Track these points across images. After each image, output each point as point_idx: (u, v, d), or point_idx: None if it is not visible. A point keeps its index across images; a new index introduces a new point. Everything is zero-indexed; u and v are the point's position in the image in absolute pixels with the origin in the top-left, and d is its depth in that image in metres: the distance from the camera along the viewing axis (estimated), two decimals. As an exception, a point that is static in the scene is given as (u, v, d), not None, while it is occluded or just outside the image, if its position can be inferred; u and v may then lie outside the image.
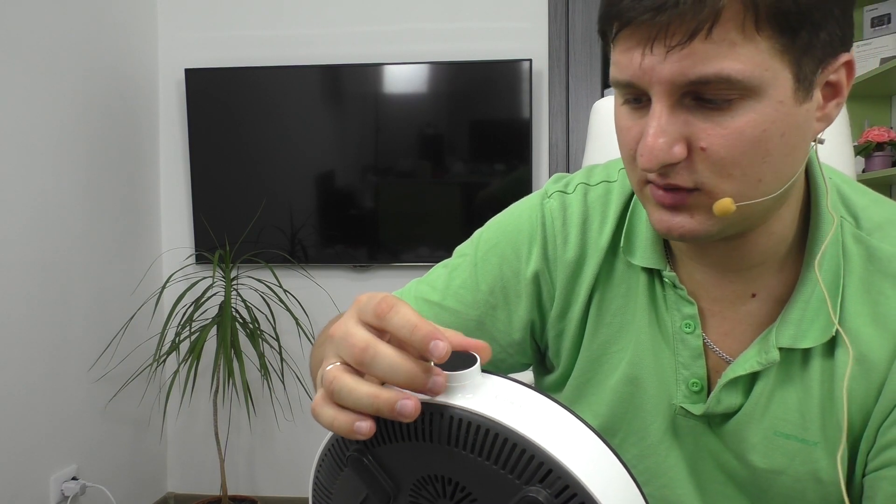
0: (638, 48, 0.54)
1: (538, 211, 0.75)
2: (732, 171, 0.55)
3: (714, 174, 0.56)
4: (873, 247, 0.63)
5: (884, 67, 2.13)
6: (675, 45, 0.52)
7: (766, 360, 0.64)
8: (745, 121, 0.54)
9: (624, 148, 0.61)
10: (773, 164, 0.56)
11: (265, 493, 2.73)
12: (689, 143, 0.55)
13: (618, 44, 0.56)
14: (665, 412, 0.70)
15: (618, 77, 0.57)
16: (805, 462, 0.64)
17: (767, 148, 0.55)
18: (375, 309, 0.42)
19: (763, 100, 0.54)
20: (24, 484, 2.03)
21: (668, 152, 0.55)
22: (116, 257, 2.47)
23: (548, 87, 2.60)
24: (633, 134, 0.59)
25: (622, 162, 0.76)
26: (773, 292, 0.66)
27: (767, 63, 0.53)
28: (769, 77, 0.53)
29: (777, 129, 0.55)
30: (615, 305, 0.72)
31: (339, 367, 0.43)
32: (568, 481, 0.38)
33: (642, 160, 0.56)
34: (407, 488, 0.43)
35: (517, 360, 0.79)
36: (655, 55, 0.53)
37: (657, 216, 0.60)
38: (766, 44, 0.52)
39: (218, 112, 2.62)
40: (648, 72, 0.54)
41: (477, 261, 0.77)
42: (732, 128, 0.54)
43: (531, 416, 0.40)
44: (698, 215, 0.58)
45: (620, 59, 0.56)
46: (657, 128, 0.55)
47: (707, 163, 0.55)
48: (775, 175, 0.57)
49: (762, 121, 0.54)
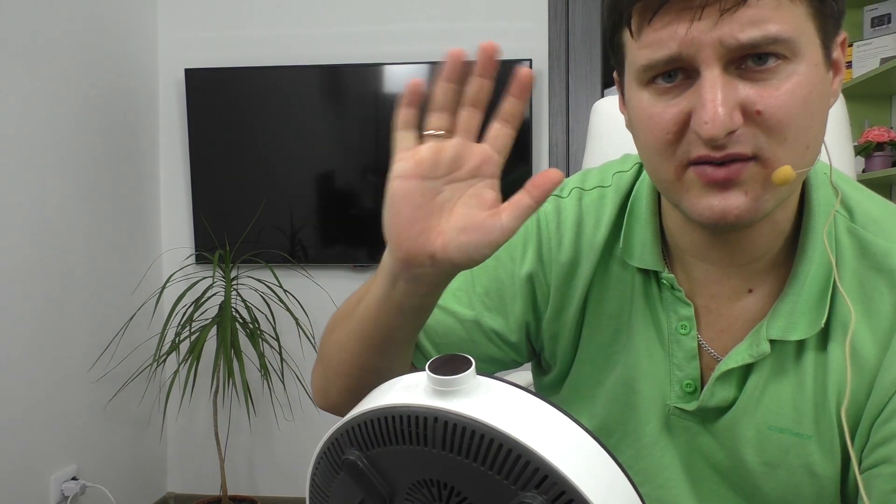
0: (682, 20, 0.54)
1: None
2: (787, 135, 0.55)
3: (770, 139, 0.55)
4: (867, 241, 0.63)
5: (884, 67, 2.12)
6: (728, 9, 0.52)
7: (757, 353, 0.64)
8: (793, 83, 0.54)
9: (657, 134, 0.58)
10: (816, 130, 0.57)
11: (265, 493, 2.73)
12: (744, 108, 0.55)
13: (654, 22, 0.55)
14: (659, 413, 0.70)
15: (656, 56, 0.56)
16: (799, 455, 0.64)
17: (813, 111, 0.56)
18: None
19: (803, 62, 0.55)
20: (24, 484, 2.03)
21: (731, 118, 0.54)
22: (116, 257, 2.47)
23: (548, 87, 2.60)
24: (669, 116, 0.57)
25: (622, 161, 0.77)
26: (769, 288, 0.67)
27: (804, 26, 0.54)
28: (805, 40, 0.55)
29: (818, 93, 0.56)
30: (611, 308, 0.73)
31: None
32: (564, 487, 0.38)
33: (707, 128, 0.53)
34: (402, 492, 0.43)
35: (511, 360, 0.79)
36: (704, 21, 0.53)
37: (705, 202, 0.57)
38: (802, 7, 0.54)
39: (218, 112, 2.61)
40: (698, 38, 0.53)
41: None
42: (784, 90, 0.54)
43: (526, 420, 0.40)
44: (753, 190, 0.56)
45: (658, 36, 0.55)
46: (716, 94, 0.53)
47: (763, 127, 0.55)
48: (816, 143, 0.58)
49: (806, 82, 0.55)
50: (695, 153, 0.56)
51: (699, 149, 0.56)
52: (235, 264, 2.51)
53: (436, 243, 0.56)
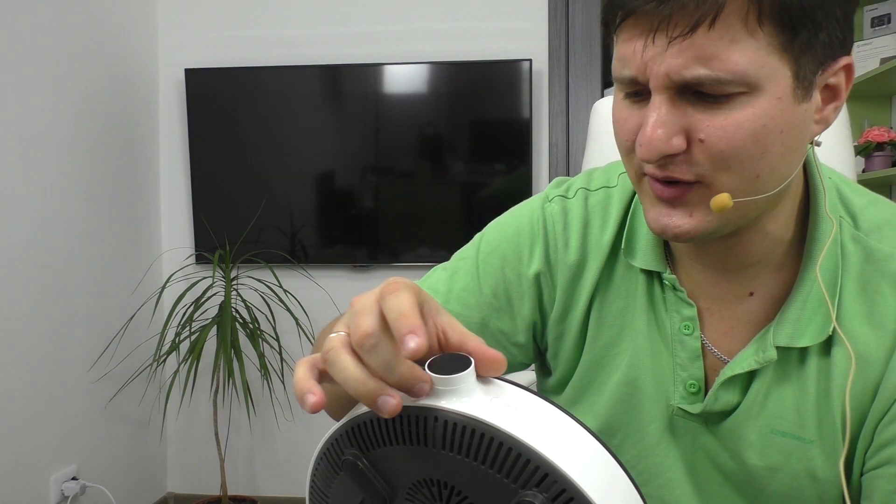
0: (640, 39, 0.54)
1: (539, 214, 0.76)
2: (731, 164, 0.55)
3: (713, 167, 0.56)
4: (871, 247, 0.63)
5: (884, 67, 2.12)
6: (676, 36, 0.52)
7: (763, 359, 0.64)
8: (744, 115, 0.54)
9: (620, 139, 0.61)
10: (770, 162, 0.56)
11: (265, 493, 2.73)
12: (689, 135, 0.55)
13: (620, 34, 0.56)
14: (663, 413, 0.70)
15: (621, 73, 0.57)
16: (801, 460, 0.64)
17: (766, 144, 0.55)
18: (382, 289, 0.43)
19: (762, 95, 0.54)
20: (24, 484, 2.03)
21: (666, 143, 0.55)
22: (116, 257, 2.47)
23: (548, 87, 2.60)
24: (631, 125, 0.59)
25: (621, 160, 0.77)
26: (771, 291, 0.67)
27: (765, 60, 0.53)
28: (766, 74, 0.53)
29: (776, 126, 0.55)
30: (615, 308, 0.73)
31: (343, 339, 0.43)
32: (564, 485, 0.38)
33: (641, 151, 0.56)
34: (402, 492, 0.43)
35: (518, 361, 0.79)
36: (657, 46, 0.53)
37: (653, 214, 0.60)
38: (766, 40, 0.52)
39: (218, 112, 2.61)
40: (649, 63, 0.54)
41: (479, 264, 0.77)
42: (731, 120, 0.54)
43: (527, 419, 0.40)
44: (697, 212, 0.58)
45: (623, 49, 0.56)
46: (656, 119, 0.55)
47: (706, 155, 0.55)
48: (772, 173, 0.57)
49: (761, 115, 0.54)
50: (645, 167, 0.59)
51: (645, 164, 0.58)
52: (235, 264, 2.51)
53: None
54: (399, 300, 0.41)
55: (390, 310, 0.41)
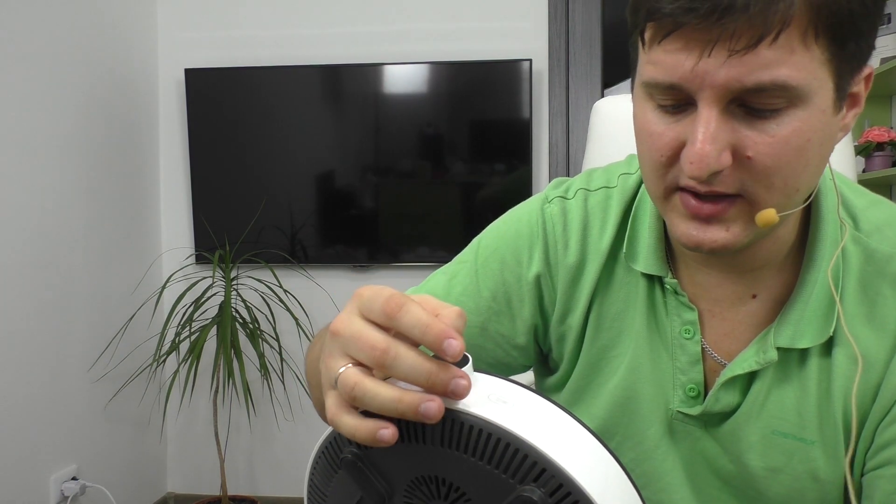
0: (692, 51, 0.52)
1: (538, 215, 0.75)
2: (775, 181, 0.54)
3: (757, 183, 0.55)
4: (872, 248, 0.64)
5: (884, 67, 2.12)
6: (739, 50, 0.50)
7: (764, 360, 0.64)
8: (791, 129, 0.53)
9: (653, 153, 0.58)
10: (809, 174, 0.56)
11: (265, 493, 2.73)
12: (735, 150, 0.54)
13: (663, 44, 0.54)
14: (662, 417, 0.70)
15: (659, 78, 0.55)
16: (803, 461, 0.64)
17: (808, 157, 0.55)
18: (384, 308, 0.41)
19: (808, 108, 0.53)
20: (24, 484, 2.03)
21: (717, 160, 0.53)
22: (116, 257, 2.47)
23: (548, 87, 2.60)
24: (667, 140, 0.57)
25: (627, 162, 0.77)
26: (773, 293, 0.67)
27: (817, 72, 0.52)
28: (816, 86, 0.53)
29: (818, 139, 0.55)
30: (614, 310, 0.72)
31: (356, 370, 0.41)
32: (562, 480, 0.38)
33: (691, 168, 0.53)
34: (401, 489, 0.43)
35: (520, 363, 0.79)
36: (713, 59, 0.51)
37: (684, 228, 0.58)
38: (819, 51, 0.52)
39: (218, 112, 2.62)
40: (701, 76, 0.52)
41: (478, 267, 0.76)
42: (779, 136, 0.53)
43: (524, 414, 0.40)
44: (735, 227, 0.57)
45: (665, 59, 0.54)
46: (707, 134, 0.53)
47: (752, 172, 0.54)
48: (808, 185, 0.57)
49: (806, 129, 0.54)
50: (682, 181, 0.57)
51: (687, 179, 0.56)
52: (235, 264, 2.51)
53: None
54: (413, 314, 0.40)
55: (412, 327, 0.40)
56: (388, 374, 0.41)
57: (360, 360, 0.42)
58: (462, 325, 0.42)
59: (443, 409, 0.39)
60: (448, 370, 0.40)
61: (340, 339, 0.43)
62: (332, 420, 0.42)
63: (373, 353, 0.41)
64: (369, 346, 0.41)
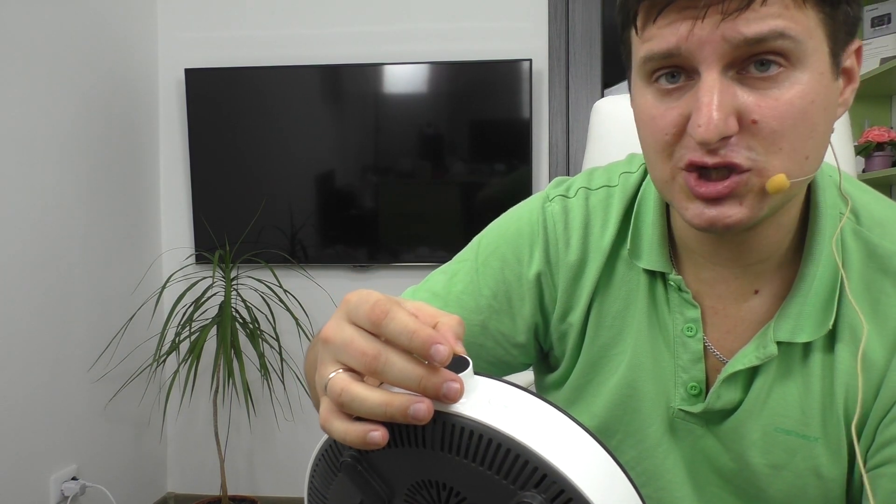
0: (684, 19, 0.53)
1: (539, 214, 0.75)
2: (783, 145, 0.55)
3: (765, 149, 0.55)
4: (873, 243, 0.63)
5: (884, 67, 2.12)
6: (731, 13, 0.52)
7: (764, 355, 0.64)
8: (794, 92, 0.54)
9: (656, 135, 0.58)
10: (816, 140, 0.56)
11: (265, 493, 2.73)
12: (740, 117, 0.54)
13: (658, 20, 0.55)
14: (663, 415, 0.70)
15: (656, 49, 0.55)
16: (806, 458, 0.64)
17: (814, 121, 0.55)
18: (369, 315, 0.41)
19: (807, 70, 0.54)
20: (24, 484, 2.03)
21: (725, 122, 0.53)
22: (116, 257, 2.47)
23: (548, 87, 2.59)
24: (670, 118, 0.57)
25: (628, 161, 0.77)
26: (775, 289, 0.67)
27: (813, 31, 0.54)
28: (812, 46, 0.54)
29: (821, 103, 0.55)
30: (615, 308, 0.72)
31: (344, 376, 0.42)
32: (563, 485, 0.38)
33: (700, 132, 0.53)
34: (401, 493, 0.43)
35: (520, 361, 0.79)
36: (707, 21, 0.53)
37: (695, 210, 0.58)
38: (812, 12, 0.53)
39: (218, 112, 2.61)
40: (699, 37, 0.53)
41: (478, 266, 0.76)
42: (783, 99, 0.54)
43: (525, 419, 0.40)
44: (747, 200, 0.56)
45: (660, 32, 0.55)
46: (712, 98, 0.53)
47: (758, 137, 0.55)
48: (817, 152, 0.57)
49: (808, 92, 0.54)
50: (689, 157, 0.57)
51: (694, 152, 0.56)
52: (235, 264, 2.51)
53: None
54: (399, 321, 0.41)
55: (399, 334, 0.40)
56: (379, 379, 0.41)
57: (352, 367, 0.42)
58: (461, 332, 0.42)
59: (432, 410, 0.40)
60: (439, 374, 0.40)
61: (331, 347, 0.43)
62: (323, 425, 0.43)
63: (363, 360, 0.41)
64: (359, 352, 0.41)
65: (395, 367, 0.40)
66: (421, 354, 0.40)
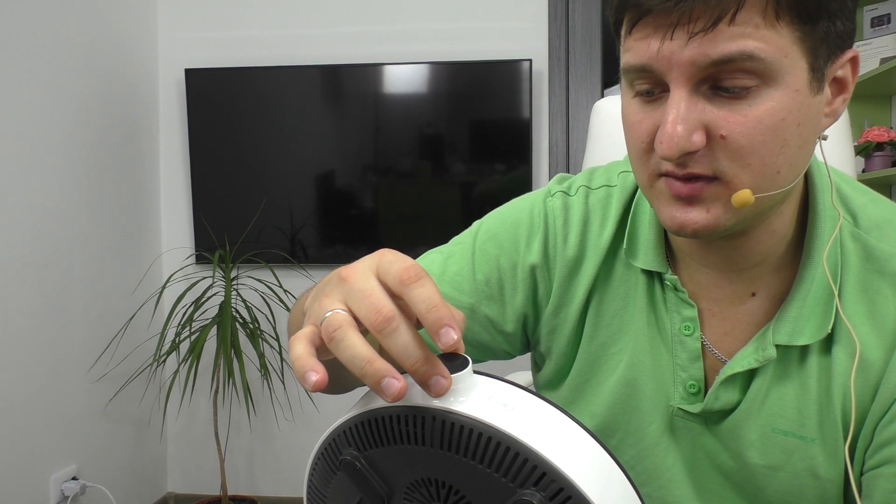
0: (656, 35, 0.54)
1: (541, 207, 0.76)
2: (751, 161, 0.55)
3: (733, 163, 0.55)
4: (871, 246, 0.64)
5: (884, 67, 2.12)
6: (698, 31, 0.52)
7: (763, 358, 0.64)
8: (764, 109, 0.54)
9: (635, 141, 0.60)
10: (789, 155, 0.56)
11: (265, 493, 2.73)
12: (709, 131, 0.55)
13: (634, 32, 0.56)
14: (663, 413, 0.70)
15: (632, 62, 0.57)
16: (803, 459, 0.64)
17: (785, 137, 0.55)
18: (401, 274, 0.41)
19: (780, 87, 0.54)
20: (24, 484, 2.03)
21: (687, 139, 0.54)
22: (116, 257, 2.47)
23: (548, 87, 2.60)
24: (646, 126, 0.58)
25: (627, 161, 0.77)
26: (773, 291, 0.67)
27: (787, 49, 0.53)
28: (787, 64, 0.54)
29: (794, 119, 0.55)
30: (614, 307, 0.73)
31: (348, 317, 0.41)
32: (562, 484, 0.38)
33: (662, 147, 0.55)
34: (401, 492, 0.43)
35: (503, 350, 0.79)
36: (676, 41, 0.53)
37: (669, 212, 0.59)
38: (787, 30, 0.53)
39: (218, 112, 2.61)
40: (668, 57, 0.54)
41: (475, 250, 0.77)
42: (752, 116, 0.54)
43: (524, 418, 0.40)
44: (714, 209, 0.57)
45: (636, 45, 0.56)
46: (677, 115, 0.54)
47: (726, 151, 0.55)
48: (791, 167, 0.57)
49: (780, 109, 0.54)
50: (663, 166, 0.58)
51: (666, 163, 0.58)
52: (235, 264, 2.51)
53: None
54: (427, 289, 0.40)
55: (421, 301, 0.40)
56: (380, 340, 0.40)
57: (358, 315, 0.41)
58: (462, 327, 0.42)
59: (405, 393, 0.39)
60: (435, 365, 0.40)
61: (347, 288, 0.42)
62: (290, 341, 0.42)
63: (375, 316, 0.40)
64: (375, 308, 0.41)
65: (401, 337, 0.40)
66: (431, 329, 0.40)
